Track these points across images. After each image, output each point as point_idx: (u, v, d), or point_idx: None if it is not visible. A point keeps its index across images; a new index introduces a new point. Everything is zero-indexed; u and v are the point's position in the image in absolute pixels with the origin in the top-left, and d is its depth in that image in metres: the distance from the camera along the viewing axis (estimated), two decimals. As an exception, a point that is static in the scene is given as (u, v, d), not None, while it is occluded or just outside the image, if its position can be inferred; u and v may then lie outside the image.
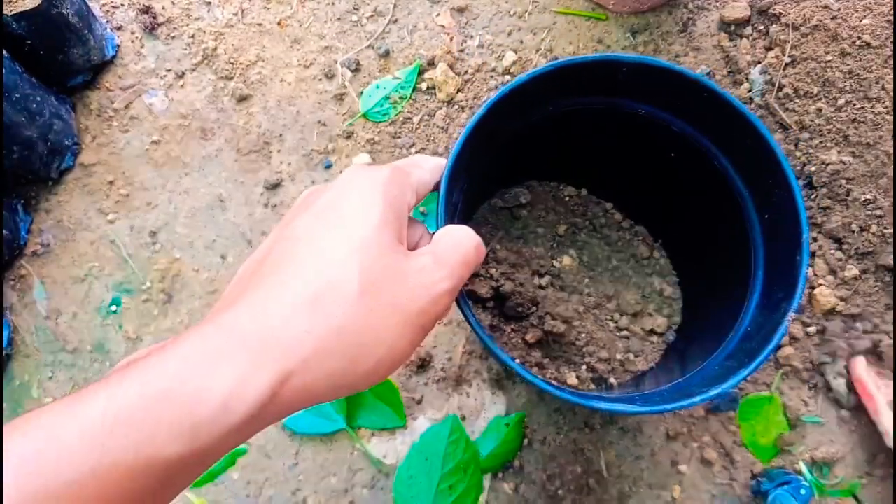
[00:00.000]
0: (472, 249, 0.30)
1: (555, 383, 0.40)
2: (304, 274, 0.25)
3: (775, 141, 0.37)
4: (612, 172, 0.49)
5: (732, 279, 0.41)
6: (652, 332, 0.48)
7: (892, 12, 0.56)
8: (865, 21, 0.56)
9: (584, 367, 0.45)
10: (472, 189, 0.43)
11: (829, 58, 0.57)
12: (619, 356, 0.46)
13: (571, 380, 0.43)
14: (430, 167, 0.34)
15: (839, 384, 0.54)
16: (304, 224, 0.28)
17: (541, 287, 0.47)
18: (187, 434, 0.21)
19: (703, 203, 0.45)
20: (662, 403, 0.33)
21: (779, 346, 0.38)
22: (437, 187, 0.35)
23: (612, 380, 0.45)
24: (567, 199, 0.53)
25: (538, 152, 0.48)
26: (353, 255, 0.26)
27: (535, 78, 0.38)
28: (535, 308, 0.45)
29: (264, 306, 0.25)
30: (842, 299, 0.55)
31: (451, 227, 0.31)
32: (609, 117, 0.43)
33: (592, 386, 0.44)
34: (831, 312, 0.56)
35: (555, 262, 0.50)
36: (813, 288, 0.56)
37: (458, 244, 0.29)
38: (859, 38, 0.56)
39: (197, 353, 0.23)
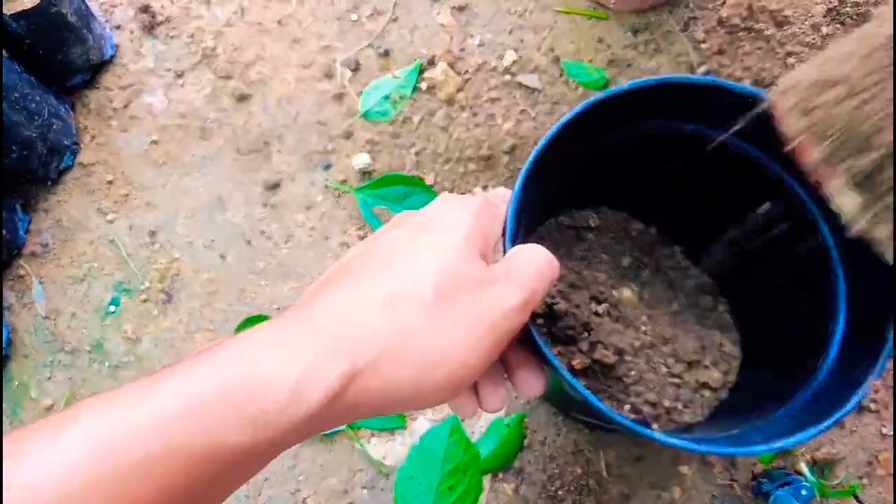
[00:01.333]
0: (546, 265, 0.29)
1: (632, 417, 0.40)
2: (383, 277, 0.25)
3: None
4: (689, 216, 0.46)
5: (803, 349, 0.39)
6: (705, 385, 0.45)
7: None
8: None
9: (627, 406, 0.43)
10: (539, 205, 0.41)
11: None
12: (666, 402, 0.43)
13: None
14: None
15: None
16: (390, 236, 0.28)
17: (596, 314, 0.44)
18: (255, 423, 0.21)
19: (784, 270, 0.42)
20: (720, 446, 0.32)
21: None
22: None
23: (654, 426, 0.42)
24: (634, 233, 0.50)
25: (612, 178, 0.45)
26: (431, 263, 0.26)
27: (629, 92, 0.36)
28: (587, 334, 0.42)
29: (339, 304, 0.25)
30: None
31: (522, 246, 0.30)
32: (695, 146, 0.40)
33: None
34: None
35: (614, 292, 0.47)
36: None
37: (531, 260, 0.28)
38: None
39: (270, 341, 0.23)
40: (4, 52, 0.57)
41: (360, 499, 0.55)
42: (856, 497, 0.52)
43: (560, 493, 0.53)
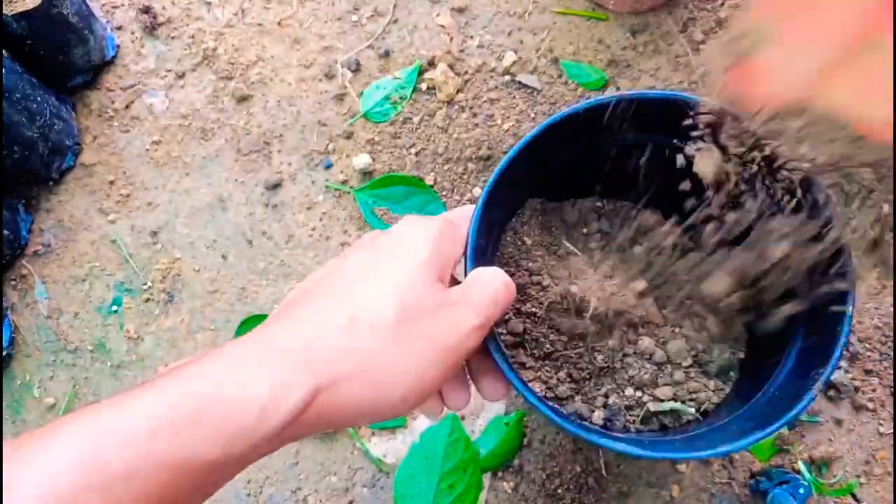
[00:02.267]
0: (502, 290, 0.30)
1: (571, 416, 0.40)
2: (346, 300, 0.27)
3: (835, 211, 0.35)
4: (668, 213, 0.47)
5: (769, 349, 0.40)
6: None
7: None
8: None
9: (601, 406, 0.43)
10: (509, 208, 0.43)
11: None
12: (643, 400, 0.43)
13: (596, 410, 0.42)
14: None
15: (838, 375, 0.54)
16: (354, 259, 0.30)
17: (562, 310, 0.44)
18: (226, 438, 0.23)
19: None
20: (669, 451, 0.33)
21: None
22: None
23: (624, 425, 0.42)
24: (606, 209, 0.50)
25: (582, 181, 0.46)
26: (392, 288, 0.27)
27: (587, 111, 0.37)
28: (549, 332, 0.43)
29: (304, 325, 0.26)
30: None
31: (482, 269, 0.32)
32: (671, 160, 0.41)
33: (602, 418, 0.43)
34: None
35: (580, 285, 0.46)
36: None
37: (489, 286, 0.30)
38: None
39: (237, 361, 0.24)
40: (5, 53, 0.57)
41: (361, 497, 0.55)
42: (853, 496, 0.53)
43: (559, 491, 0.53)
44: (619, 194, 0.48)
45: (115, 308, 0.62)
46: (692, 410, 0.42)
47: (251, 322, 0.60)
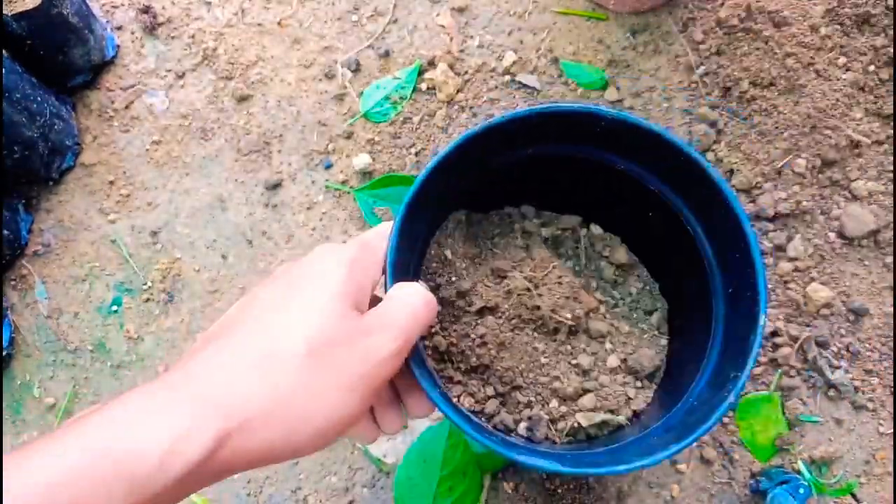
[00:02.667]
0: (421, 307, 0.30)
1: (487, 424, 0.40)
2: (254, 338, 0.26)
3: (747, 219, 0.36)
4: (596, 210, 0.48)
5: (690, 354, 0.40)
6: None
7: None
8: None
9: (524, 418, 0.42)
10: (434, 220, 0.43)
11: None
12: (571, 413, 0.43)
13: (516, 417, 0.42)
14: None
15: (838, 375, 0.54)
16: (265, 293, 0.29)
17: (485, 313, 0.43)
18: (127, 491, 0.22)
19: (674, 268, 0.44)
20: (587, 466, 0.33)
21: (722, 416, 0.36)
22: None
23: (549, 435, 0.42)
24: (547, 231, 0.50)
25: (524, 187, 0.47)
26: (303, 322, 0.26)
27: (510, 121, 0.37)
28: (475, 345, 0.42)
29: (211, 368, 0.25)
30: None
31: (400, 286, 0.31)
32: (589, 168, 0.42)
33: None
34: (826, 307, 0.56)
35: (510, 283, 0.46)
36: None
37: (406, 306, 0.29)
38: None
39: (140, 410, 0.24)
40: (5, 53, 0.57)
41: (361, 497, 0.55)
42: (853, 495, 0.53)
43: (559, 490, 0.53)
44: (542, 202, 0.49)
45: (115, 308, 0.62)
46: (622, 418, 0.41)
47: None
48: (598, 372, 0.43)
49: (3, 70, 0.56)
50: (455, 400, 0.40)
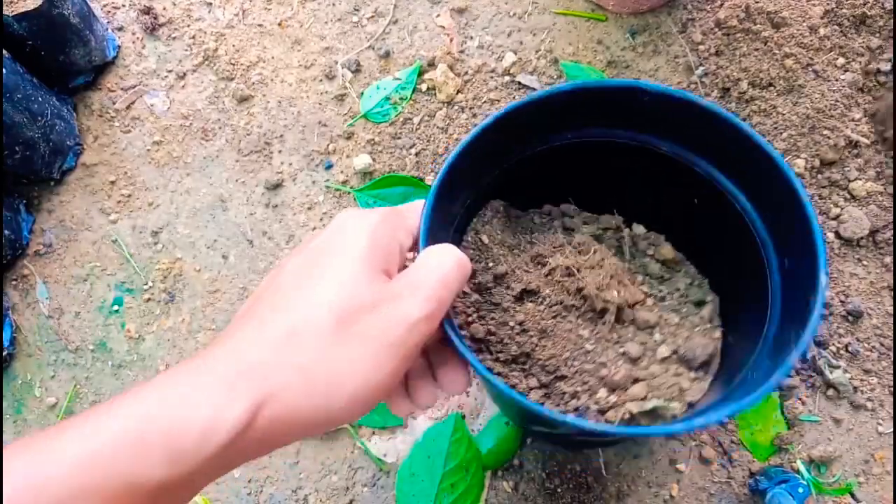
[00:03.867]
0: (453, 269, 0.28)
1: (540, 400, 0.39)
2: (283, 312, 0.26)
3: (804, 189, 0.34)
4: (637, 207, 0.47)
5: (746, 341, 0.40)
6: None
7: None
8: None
9: (574, 398, 0.41)
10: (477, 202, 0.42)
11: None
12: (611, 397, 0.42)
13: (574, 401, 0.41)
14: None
15: (837, 375, 0.54)
16: (291, 265, 0.29)
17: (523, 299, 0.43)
18: (170, 461, 0.23)
19: (724, 255, 0.43)
20: (642, 429, 0.33)
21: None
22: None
23: (596, 416, 0.41)
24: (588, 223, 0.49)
25: (566, 178, 0.45)
26: (330, 291, 0.26)
27: (552, 95, 0.36)
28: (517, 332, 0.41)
29: (244, 342, 0.26)
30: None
31: (432, 248, 0.30)
32: (630, 154, 0.41)
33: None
34: (825, 307, 0.56)
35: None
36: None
37: (437, 268, 0.28)
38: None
39: (180, 384, 0.24)
40: (7, 54, 0.57)
41: (361, 496, 0.55)
42: (852, 495, 0.53)
43: (559, 490, 0.54)
44: (581, 201, 0.48)
45: (116, 308, 0.62)
46: (676, 405, 0.40)
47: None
48: (649, 361, 0.41)
49: (5, 70, 0.56)
50: None
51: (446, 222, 0.38)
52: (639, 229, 0.48)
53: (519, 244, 0.45)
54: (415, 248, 0.32)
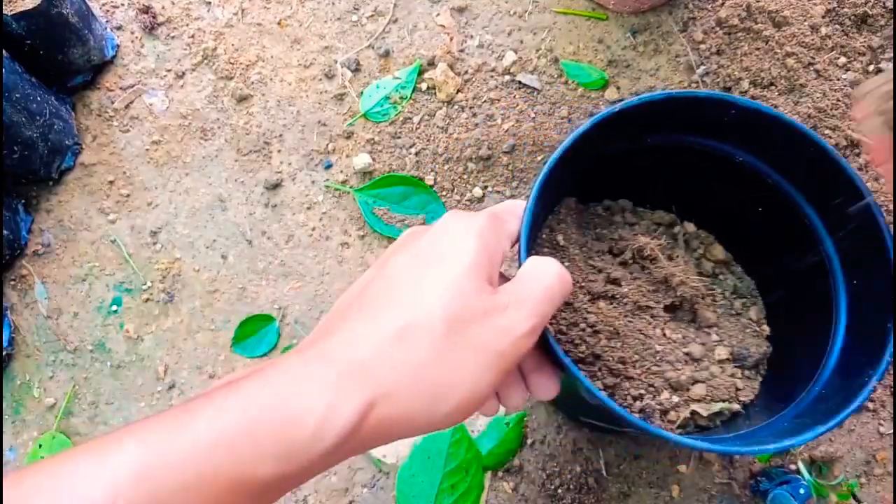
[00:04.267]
0: (557, 284, 0.29)
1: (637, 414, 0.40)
2: (394, 310, 0.26)
3: (883, 217, 0.35)
4: (707, 213, 0.48)
5: (802, 347, 0.40)
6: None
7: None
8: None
9: (637, 404, 0.42)
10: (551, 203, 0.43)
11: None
12: (675, 399, 0.43)
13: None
14: (520, 218, 0.34)
15: None
16: (400, 262, 0.29)
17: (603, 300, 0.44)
18: (282, 455, 0.23)
19: (779, 262, 0.44)
20: (734, 445, 0.33)
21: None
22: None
23: (661, 424, 0.42)
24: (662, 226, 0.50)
25: (627, 180, 0.46)
26: (442, 295, 0.26)
27: (640, 106, 0.37)
28: (590, 332, 0.42)
29: (354, 338, 0.26)
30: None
31: (534, 260, 0.30)
32: (703, 160, 0.42)
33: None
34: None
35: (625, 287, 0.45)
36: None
37: (541, 281, 0.29)
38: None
39: (292, 378, 0.24)
40: (5, 53, 0.57)
41: (361, 497, 0.55)
42: (854, 496, 0.53)
43: (559, 491, 0.53)
44: (637, 197, 0.48)
45: (114, 308, 0.62)
46: (737, 407, 0.41)
47: (251, 322, 0.60)
48: (709, 362, 0.42)
49: (3, 70, 0.56)
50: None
51: (537, 220, 0.39)
52: (690, 227, 0.48)
53: (587, 242, 0.46)
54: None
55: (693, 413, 0.41)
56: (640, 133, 0.41)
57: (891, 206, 0.59)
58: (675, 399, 0.41)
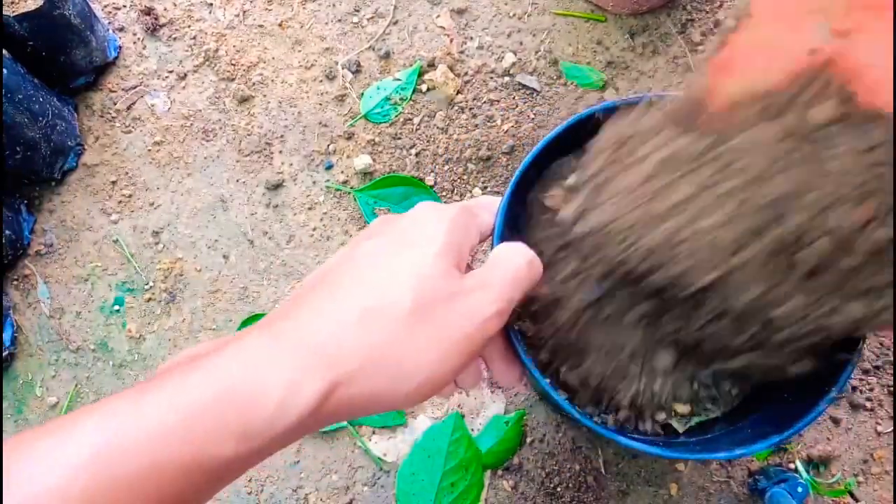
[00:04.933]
0: (523, 267, 0.29)
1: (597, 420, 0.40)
2: (358, 291, 0.26)
3: None
4: None
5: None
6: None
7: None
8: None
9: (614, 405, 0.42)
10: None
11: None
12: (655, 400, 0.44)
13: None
14: (493, 212, 0.35)
15: None
16: (368, 247, 0.29)
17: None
18: (242, 434, 0.23)
19: None
20: (684, 452, 0.34)
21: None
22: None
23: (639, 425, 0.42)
24: None
25: None
26: (406, 278, 0.26)
27: (616, 109, 0.37)
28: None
29: (319, 317, 0.26)
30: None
31: (504, 246, 0.30)
32: None
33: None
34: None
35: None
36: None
37: (509, 266, 0.29)
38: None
39: (254, 357, 0.24)
40: (8, 54, 0.58)
41: (361, 495, 0.55)
42: (851, 494, 0.53)
43: (559, 489, 0.54)
44: None
45: (117, 308, 0.63)
46: (716, 412, 0.41)
47: (252, 321, 0.60)
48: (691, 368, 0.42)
49: (6, 71, 0.56)
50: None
51: (514, 220, 0.39)
52: None
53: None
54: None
55: (680, 431, 0.41)
56: None
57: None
58: (661, 416, 0.40)
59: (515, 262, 0.29)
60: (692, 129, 0.30)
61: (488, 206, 0.35)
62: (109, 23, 0.70)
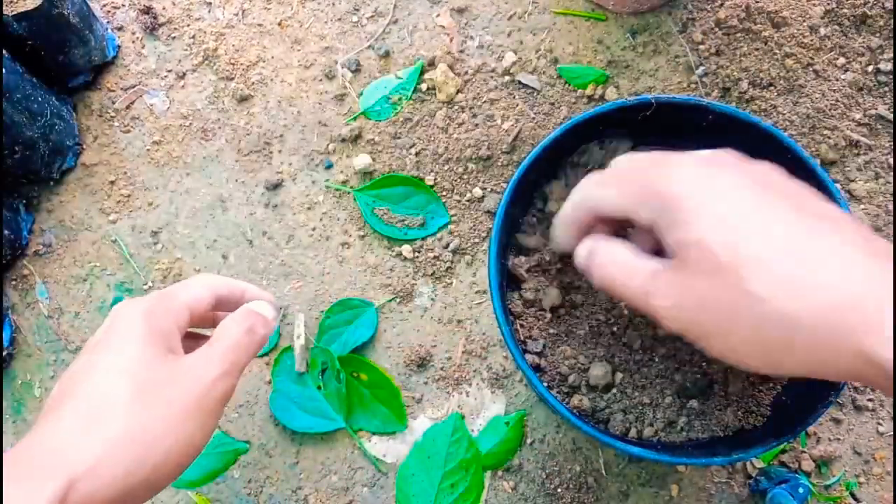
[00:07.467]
0: (243, 336, 0.33)
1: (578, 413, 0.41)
2: (80, 398, 0.29)
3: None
4: None
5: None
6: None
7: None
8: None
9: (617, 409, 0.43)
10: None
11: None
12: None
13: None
14: (203, 284, 0.37)
15: None
16: (78, 362, 0.32)
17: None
18: None
19: None
20: (683, 456, 0.34)
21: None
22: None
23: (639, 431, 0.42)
24: None
25: None
26: (120, 373, 0.29)
27: (616, 110, 0.38)
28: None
29: (47, 433, 0.28)
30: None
31: (224, 321, 0.34)
32: None
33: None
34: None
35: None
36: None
37: (227, 336, 0.33)
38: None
39: (4, 476, 0.25)
40: (6, 53, 0.57)
41: (361, 496, 0.55)
42: (852, 495, 0.53)
43: (559, 490, 0.53)
44: None
45: (115, 308, 0.62)
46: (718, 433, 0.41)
47: (252, 322, 0.60)
48: (694, 399, 0.43)
49: (4, 70, 0.56)
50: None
51: (507, 238, 0.41)
52: None
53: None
54: (200, 319, 0.36)
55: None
56: (622, 137, 0.42)
57: (890, 207, 0.59)
58: (662, 435, 0.41)
59: (234, 333, 0.33)
60: None
61: (191, 284, 0.37)
62: (108, 22, 0.70)
